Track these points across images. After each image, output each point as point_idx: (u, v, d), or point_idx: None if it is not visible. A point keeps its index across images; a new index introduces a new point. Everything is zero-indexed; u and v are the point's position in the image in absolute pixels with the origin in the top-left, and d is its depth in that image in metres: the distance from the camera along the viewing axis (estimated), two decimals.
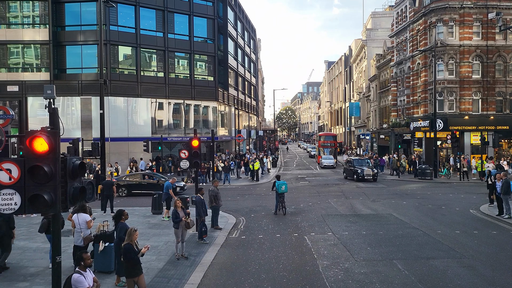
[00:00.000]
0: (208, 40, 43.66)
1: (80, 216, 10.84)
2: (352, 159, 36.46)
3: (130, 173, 30.83)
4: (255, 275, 10.86)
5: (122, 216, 10.48)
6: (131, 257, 8.44)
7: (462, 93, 38.39)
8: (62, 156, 6.28)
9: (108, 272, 10.60)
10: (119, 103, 37.36)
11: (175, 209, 12.42)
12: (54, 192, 6.06)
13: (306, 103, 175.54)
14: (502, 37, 38.53)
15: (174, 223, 12.28)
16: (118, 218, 10.46)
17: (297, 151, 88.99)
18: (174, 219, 12.26)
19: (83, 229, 10.73)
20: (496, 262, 11.63)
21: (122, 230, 9.99)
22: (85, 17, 36.63)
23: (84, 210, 10.98)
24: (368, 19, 70.32)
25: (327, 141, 52.89)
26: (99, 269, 10.68)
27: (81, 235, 10.70)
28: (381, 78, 55.87)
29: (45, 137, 6.02)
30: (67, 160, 6.35)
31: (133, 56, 38.76)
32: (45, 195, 5.97)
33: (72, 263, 11.05)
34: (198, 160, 15.70)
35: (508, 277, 10.46)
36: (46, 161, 6.02)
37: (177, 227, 12.24)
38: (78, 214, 10.87)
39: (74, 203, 6.56)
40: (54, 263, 6.41)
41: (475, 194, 24.48)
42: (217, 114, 45.45)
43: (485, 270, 11.00)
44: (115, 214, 10.58)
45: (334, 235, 14.98)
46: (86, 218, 10.89)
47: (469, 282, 10.07)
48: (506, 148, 39.91)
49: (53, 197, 6.04)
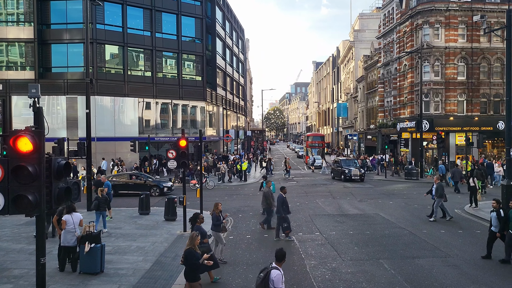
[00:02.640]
0: (196, 39, 43.50)
1: (74, 216, 10.78)
2: (339, 160, 36.66)
3: (117, 174, 30.55)
4: (243, 275, 10.85)
5: (197, 219, 10.58)
6: (193, 262, 8.33)
7: (448, 94, 38.90)
8: (47, 156, 6.20)
9: (94, 274, 10.48)
10: (105, 102, 36.98)
11: (214, 212, 12.19)
12: (39, 193, 5.98)
13: (294, 103, 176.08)
14: (486, 40, 39.13)
15: (215, 226, 11.99)
16: (193, 221, 10.59)
17: (285, 151, 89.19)
18: (215, 222, 12.01)
19: (77, 229, 10.69)
20: (480, 261, 11.80)
21: None
22: (71, 15, 36.16)
23: (75, 209, 10.95)
24: (356, 20, 70.81)
25: (315, 141, 53.09)
26: (85, 270, 10.56)
27: (76, 235, 10.67)
28: (368, 79, 56.30)
29: (30, 137, 5.93)
30: (52, 160, 6.27)
31: (120, 55, 38.41)
32: (29, 196, 5.88)
33: (57, 264, 10.93)
34: (186, 160, 15.62)
35: (491, 275, 10.62)
36: (31, 161, 5.94)
37: (219, 230, 12.06)
38: (72, 214, 10.80)
39: (59, 204, 6.47)
40: (38, 265, 6.32)
41: (459, 194, 24.81)
42: (205, 114, 45.30)
43: (469, 268, 11.16)
44: (191, 217, 10.74)
45: (322, 235, 15.04)
46: (80, 217, 10.87)
47: (453, 281, 10.20)
48: (490, 149, 40.54)
49: (37, 198, 5.96)
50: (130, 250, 12.93)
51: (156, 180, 27.70)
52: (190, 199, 20.75)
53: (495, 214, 11.85)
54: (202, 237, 10.10)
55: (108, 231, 15.27)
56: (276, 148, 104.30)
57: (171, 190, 26.31)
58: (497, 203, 12.00)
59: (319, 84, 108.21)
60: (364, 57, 58.72)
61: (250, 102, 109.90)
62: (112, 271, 10.87)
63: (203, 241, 10.04)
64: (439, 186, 17.48)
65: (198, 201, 17.90)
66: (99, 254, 10.58)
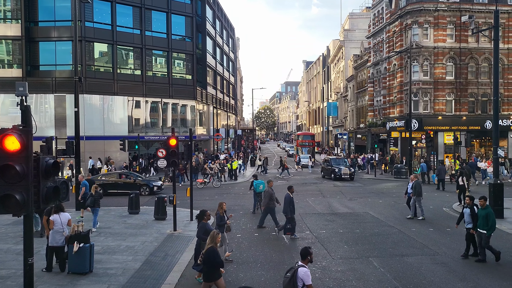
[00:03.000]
0: (186, 38, 43.34)
1: (63, 216, 10.68)
2: (329, 158, 36.81)
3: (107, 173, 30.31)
4: (233, 274, 10.85)
5: (204, 216, 10.54)
6: (215, 261, 8.22)
7: (436, 94, 39.28)
8: (34, 155, 6.13)
9: (83, 274, 10.39)
10: (94, 101, 36.68)
11: (218, 212, 12.11)
12: (26, 192, 5.91)
13: (284, 102, 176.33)
14: (474, 40, 39.56)
15: (219, 226, 11.87)
16: (200, 218, 10.54)
17: (275, 150, 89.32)
18: (219, 222, 11.91)
19: (65, 229, 10.60)
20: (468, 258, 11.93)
21: (202, 230, 10.15)
22: (59, 12, 35.78)
23: (62, 209, 10.84)
24: (346, 20, 71.11)
25: (305, 140, 53.32)
26: (73, 270, 10.46)
27: (64, 235, 10.58)
28: (358, 78, 56.59)
29: (17, 136, 5.86)
30: (40, 159, 6.20)
31: (109, 53, 38.12)
32: (17, 195, 5.81)
33: (45, 264, 10.82)
34: (175, 159, 15.56)
35: (478, 273, 10.75)
36: (18, 160, 5.86)
37: (223, 231, 11.95)
38: (60, 214, 10.70)
39: (47, 204, 6.40)
40: (26, 265, 6.25)
41: (448, 193, 25.07)
42: (195, 113, 45.17)
43: (457, 266, 11.29)
44: (198, 214, 10.68)
45: (312, 234, 15.10)
46: (69, 217, 10.78)
47: (442, 278, 10.31)
48: (478, 148, 41.03)
49: (25, 197, 5.89)
50: (119, 250, 12.85)
51: (146, 179, 27.56)
52: (180, 198, 20.70)
53: (469, 211, 12.00)
54: (207, 235, 10.06)
55: (98, 231, 15.16)
56: (267, 147, 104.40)
57: (161, 189, 26.21)
58: (470, 200, 12.13)
59: (310, 83, 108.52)
60: (354, 57, 59.00)
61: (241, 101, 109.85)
62: (101, 271, 10.79)
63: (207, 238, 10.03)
64: (416, 184, 17.57)
65: (188, 200, 17.86)
66: (88, 254, 10.49)
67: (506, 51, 39.29)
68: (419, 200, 17.47)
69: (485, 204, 11.62)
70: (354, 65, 58.00)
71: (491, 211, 11.52)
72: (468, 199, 12.24)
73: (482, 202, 11.67)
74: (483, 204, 11.62)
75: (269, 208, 15.98)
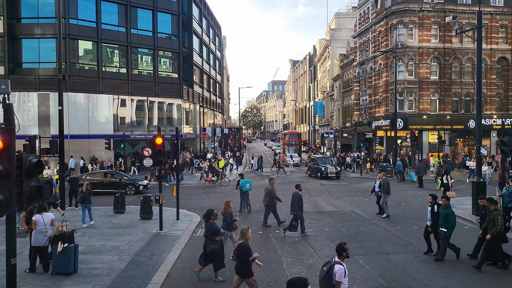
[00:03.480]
0: (172, 36, 43.07)
1: (45, 216, 10.52)
2: (316, 157, 36.98)
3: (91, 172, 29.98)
4: (220, 273, 10.81)
5: (211, 216, 10.45)
6: (245, 258, 8.28)
7: (421, 93, 39.76)
8: (17, 154, 6.02)
9: (67, 274, 10.25)
10: (79, 99, 36.21)
11: (226, 211, 12.07)
12: (9, 192, 5.81)
13: (271, 101, 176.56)
14: (458, 40, 40.15)
15: (227, 224, 11.87)
16: (207, 218, 10.46)
17: (262, 149, 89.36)
18: (229, 220, 11.91)
19: (49, 229, 10.44)
20: (451, 256, 12.09)
21: (210, 230, 10.09)
22: (43, 9, 35.24)
23: (45, 209, 10.69)
24: (332, 19, 71.47)
25: (292, 139, 53.48)
26: (57, 271, 10.33)
27: (47, 235, 10.43)
28: (344, 77, 56.95)
29: None
30: (23, 158, 6.09)
31: (94, 51, 37.68)
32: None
33: (28, 265, 10.65)
34: (162, 158, 15.45)
35: (462, 270, 10.91)
36: (0, 159, 5.75)
37: (231, 229, 11.98)
38: (43, 214, 10.54)
39: (30, 203, 6.30)
40: (8, 266, 6.14)
41: (432, 191, 25.34)
42: (182, 111, 44.92)
43: (441, 263, 11.43)
44: (205, 214, 10.65)
45: (298, 232, 15.14)
46: (52, 217, 10.61)
47: (426, 276, 10.44)
48: (461, 147, 41.66)
49: (7, 197, 5.79)
50: (104, 250, 12.72)
51: (131, 178, 27.33)
52: (166, 198, 20.58)
53: (430, 209, 12.11)
54: (215, 235, 10.12)
55: (82, 231, 14.99)
56: (253, 146, 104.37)
57: (147, 188, 26.00)
58: (432, 199, 12.17)
59: (296, 82, 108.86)
60: (340, 56, 59.36)
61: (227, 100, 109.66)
62: (86, 271, 10.67)
63: (215, 238, 10.06)
64: (385, 182, 17.76)
65: (174, 200, 17.76)
66: (72, 254, 10.37)
67: (489, 51, 39.96)
68: (385, 197, 17.72)
69: (447, 203, 11.64)
70: (340, 65, 58.35)
71: (452, 211, 11.56)
72: (430, 198, 12.28)
73: (444, 201, 11.69)
74: (445, 203, 11.65)
75: (271, 206, 16.16)
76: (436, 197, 12.33)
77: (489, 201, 11.53)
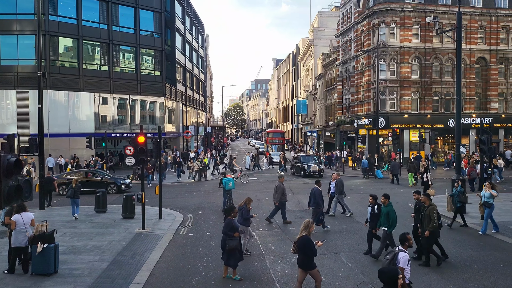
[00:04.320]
0: (155, 34, 42.66)
1: (25, 215, 10.30)
2: (299, 156, 37.15)
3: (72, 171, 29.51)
4: (203, 272, 10.80)
5: (231, 213, 10.50)
6: (312, 250, 8.40)
7: (402, 92, 40.30)
8: None
9: (48, 275, 10.08)
10: (59, 97, 35.59)
11: (245, 206, 12.20)
12: None
13: (254, 100, 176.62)
14: (438, 40, 40.82)
15: (244, 220, 12.00)
16: (228, 214, 10.54)
17: (245, 147, 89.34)
18: (246, 216, 12.03)
19: (29, 229, 10.23)
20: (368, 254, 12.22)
21: (228, 226, 10.10)
22: (22, 5, 34.47)
23: (25, 209, 10.47)
24: (315, 18, 71.85)
25: (275, 137, 53.64)
26: (37, 271, 10.14)
27: (27, 235, 10.23)
28: (327, 76, 57.33)
29: None
30: (1, 157, 5.97)
31: (75, 48, 37.07)
32: None
33: (7, 266, 10.44)
34: (144, 157, 15.30)
35: (443, 267, 11.10)
36: None
37: (248, 225, 12.16)
38: (22, 214, 10.31)
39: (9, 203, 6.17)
40: None
41: (413, 189, 25.72)
42: (164, 110, 44.55)
43: None
44: (227, 209, 10.69)
45: (282, 231, 15.21)
46: (31, 217, 10.40)
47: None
48: (441, 145, 42.40)
49: None
50: (86, 250, 12.55)
51: (113, 177, 27.01)
52: (149, 197, 20.40)
53: (370, 209, 12.13)
54: (234, 231, 10.14)
55: (63, 231, 14.75)
56: (237, 144, 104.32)
57: (129, 187, 25.75)
58: (373, 199, 12.18)
59: (279, 81, 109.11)
60: (323, 55, 59.71)
61: (210, 98, 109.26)
62: (66, 272, 10.51)
63: (233, 234, 10.06)
64: (338, 182, 17.79)
65: (157, 199, 17.62)
66: (52, 254, 10.20)
67: (468, 51, 40.73)
68: (341, 198, 17.91)
69: (387, 201, 11.64)
70: (323, 64, 58.71)
71: (392, 209, 11.53)
72: (371, 198, 12.28)
73: (383, 199, 11.71)
74: (384, 201, 11.67)
75: (284, 202, 16.69)
76: (376, 197, 12.33)
77: (426, 197, 11.64)
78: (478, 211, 16.52)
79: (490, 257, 11.79)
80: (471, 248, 12.83)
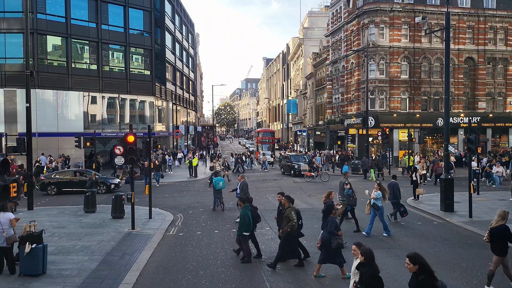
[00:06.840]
0: (144, 32, 42.41)
1: (2, 216, 10.10)
2: (289, 155, 37.22)
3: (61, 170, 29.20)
4: (193, 271, 10.77)
5: (332, 211, 10.50)
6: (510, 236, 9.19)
7: (392, 92, 40.59)
8: None
9: (36, 275, 9.97)
10: (47, 96, 35.21)
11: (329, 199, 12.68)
12: None
13: (245, 99, 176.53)
14: (427, 40, 41.19)
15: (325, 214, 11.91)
16: (327, 213, 10.52)
17: (235, 147, 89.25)
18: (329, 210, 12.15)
19: (6, 229, 10.03)
20: (421, 251, 12.30)
21: (333, 224, 10.09)
22: (9, 3, 34.03)
23: (4, 209, 10.24)
24: (305, 18, 72.04)
25: (265, 137, 53.67)
26: (25, 272, 10.03)
27: (4, 235, 9.99)
28: (317, 76, 57.52)
29: None
30: None
31: (63, 47, 36.70)
32: None
33: None
34: (133, 157, 15.21)
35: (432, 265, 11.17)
36: None
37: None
38: (0, 214, 10.12)
39: None
40: None
41: (402, 188, 25.86)
42: (154, 109, 44.33)
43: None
44: (325, 209, 10.69)
45: (272, 230, 15.23)
46: (10, 217, 10.19)
47: (397, 271, 10.68)
48: (430, 144, 42.79)
49: None
50: (74, 250, 12.44)
51: (102, 176, 26.81)
52: (138, 196, 20.28)
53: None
54: (338, 229, 10.17)
55: (51, 231, 14.60)
56: (227, 143, 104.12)
57: (119, 187, 25.59)
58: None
59: (270, 80, 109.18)
60: (313, 55, 59.91)
61: (201, 98, 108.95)
62: (55, 272, 10.41)
63: (337, 233, 10.07)
64: (243, 184, 17.25)
65: (146, 198, 17.52)
66: (40, 255, 10.08)
67: (456, 51, 41.15)
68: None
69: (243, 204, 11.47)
70: (313, 63, 58.90)
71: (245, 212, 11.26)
72: (279, 196, 12.25)
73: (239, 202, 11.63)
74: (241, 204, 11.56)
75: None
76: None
77: (287, 199, 11.34)
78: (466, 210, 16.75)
79: (478, 255, 11.93)
80: (459, 246, 12.97)
